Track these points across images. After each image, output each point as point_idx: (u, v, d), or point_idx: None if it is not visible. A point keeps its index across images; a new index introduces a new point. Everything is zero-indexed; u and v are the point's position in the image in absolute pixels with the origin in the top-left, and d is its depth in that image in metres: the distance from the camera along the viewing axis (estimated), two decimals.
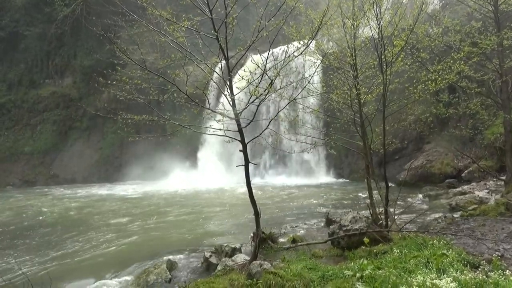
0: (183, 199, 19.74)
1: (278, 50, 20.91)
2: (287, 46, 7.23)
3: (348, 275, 5.79)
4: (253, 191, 7.31)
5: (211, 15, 6.04)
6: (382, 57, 8.85)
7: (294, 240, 9.43)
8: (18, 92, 36.72)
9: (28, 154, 34.61)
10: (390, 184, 9.76)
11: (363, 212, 9.25)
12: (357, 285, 5.32)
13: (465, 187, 15.71)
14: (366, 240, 7.50)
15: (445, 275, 5.28)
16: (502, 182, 13.58)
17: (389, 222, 8.97)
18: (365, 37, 9.92)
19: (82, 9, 34.63)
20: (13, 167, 34.22)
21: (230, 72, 6.59)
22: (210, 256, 8.43)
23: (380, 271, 5.72)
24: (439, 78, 9.13)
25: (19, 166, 34.31)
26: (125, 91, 7.29)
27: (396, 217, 9.14)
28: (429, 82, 9.09)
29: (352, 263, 6.57)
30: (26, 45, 37.50)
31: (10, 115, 36.15)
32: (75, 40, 36.67)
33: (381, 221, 9.12)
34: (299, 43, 7.60)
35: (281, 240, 9.70)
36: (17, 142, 35.10)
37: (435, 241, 7.07)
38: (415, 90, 9.46)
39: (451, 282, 4.95)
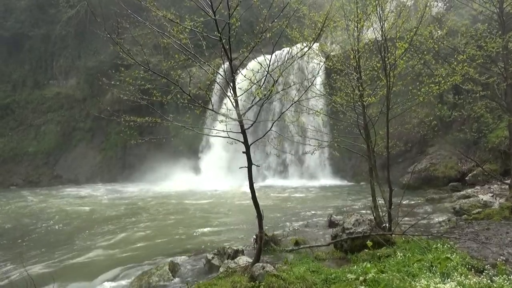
0: (186, 201, 19.73)
1: (281, 52, 20.96)
2: (291, 48, 7.23)
3: (351, 278, 5.74)
4: (256, 193, 7.29)
5: (215, 17, 6.03)
6: (386, 59, 8.82)
7: (297, 243, 9.40)
8: (22, 93, 36.94)
9: (32, 155, 34.77)
10: (393, 187, 9.71)
11: (366, 215, 9.20)
12: None
13: (469, 190, 15.60)
14: (369, 243, 7.45)
15: (449, 280, 5.24)
16: (507, 186, 13.49)
17: (393, 225, 8.92)
18: (368, 39, 9.89)
19: (86, 10, 34.81)
20: (17, 167, 34.38)
21: (233, 73, 6.58)
22: (213, 258, 8.41)
23: (384, 274, 5.67)
24: (443, 81, 9.09)
25: (23, 166, 34.46)
26: (128, 92, 7.29)
27: (399, 220, 9.09)
28: (433, 85, 9.05)
29: (355, 266, 6.53)
30: (30, 46, 37.73)
31: (14, 116, 36.36)
32: (79, 41, 36.86)
33: (384, 224, 9.07)
34: (302, 44, 7.59)
35: (283, 242, 9.66)
36: (21, 143, 35.27)
37: (439, 244, 7.02)
38: (419, 93, 9.42)
39: (455, 286, 4.91)
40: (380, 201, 9.64)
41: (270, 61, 6.55)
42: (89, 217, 16.20)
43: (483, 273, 5.74)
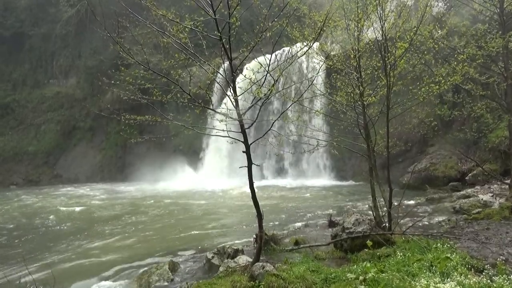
0: (186, 200, 19.73)
1: (281, 51, 20.96)
2: (291, 47, 7.22)
3: (351, 278, 5.74)
4: (256, 192, 7.29)
5: (215, 16, 6.03)
6: (386, 59, 8.82)
7: (296, 242, 9.39)
8: (22, 92, 36.95)
9: (32, 154, 34.78)
10: (393, 187, 9.71)
11: (366, 214, 9.20)
12: None
13: (469, 190, 15.60)
14: (369, 243, 7.45)
15: (449, 279, 5.23)
16: (507, 186, 13.48)
17: (393, 225, 8.91)
18: (369, 39, 9.89)
19: (86, 9, 34.83)
20: (17, 166, 34.39)
21: (233, 72, 6.57)
22: (212, 257, 8.41)
23: (383, 274, 5.67)
24: (443, 81, 9.09)
25: (23, 165, 34.48)
26: (128, 91, 7.29)
27: (399, 220, 9.08)
28: (433, 85, 9.05)
29: (355, 266, 6.53)
30: (30, 45, 37.72)
31: (15, 115, 36.37)
32: (79, 40, 36.87)
33: (384, 224, 9.06)
34: (303, 44, 7.59)
35: (283, 241, 9.66)
36: (21, 142, 35.27)
37: (438, 244, 7.02)
38: (419, 92, 9.41)
39: (455, 286, 4.90)
40: (380, 201, 9.64)
41: (270, 61, 6.55)
42: (89, 217, 16.20)
43: (483, 273, 5.74)
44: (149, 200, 20.48)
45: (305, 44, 7.04)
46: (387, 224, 9.03)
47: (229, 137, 6.87)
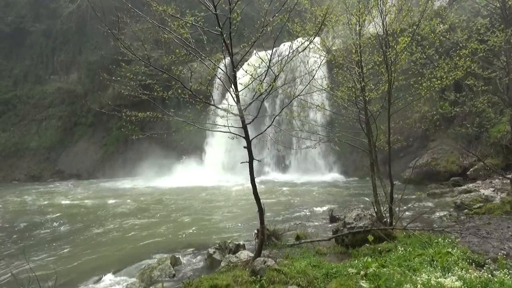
0: (187, 196, 19.77)
1: (282, 46, 20.85)
2: (292, 42, 7.20)
3: (352, 273, 5.77)
4: (257, 188, 7.30)
5: (216, 11, 6.01)
6: (387, 54, 8.78)
7: (298, 237, 9.43)
8: (23, 88, 36.98)
9: (34, 150, 34.87)
10: (394, 181, 9.71)
11: (367, 209, 9.21)
12: (361, 283, 5.30)
13: (471, 185, 15.59)
14: (370, 237, 7.49)
15: (450, 274, 5.25)
16: (508, 181, 13.46)
17: (394, 220, 8.93)
18: (370, 33, 9.83)
19: (87, 5, 34.74)
20: (18, 162, 34.49)
21: (234, 68, 6.56)
22: (214, 252, 8.45)
23: (384, 269, 5.69)
24: (445, 76, 9.04)
25: (25, 161, 34.57)
26: (129, 87, 7.29)
27: (400, 215, 9.10)
28: (434, 79, 9.01)
29: (356, 261, 6.55)
30: (31, 41, 37.68)
31: (16, 111, 36.43)
32: (80, 36, 36.81)
33: (385, 219, 9.08)
34: (303, 38, 7.56)
35: (285, 236, 9.68)
36: (22, 138, 35.36)
37: (439, 239, 7.04)
38: (420, 87, 9.38)
39: (456, 280, 4.92)
40: (381, 196, 9.65)
41: (271, 56, 6.54)
42: (90, 212, 16.25)
43: (484, 268, 5.76)
44: (150, 196, 20.54)
45: (306, 39, 7.00)
46: (388, 219, 9.04)
47: (230, 132, 6.88)
